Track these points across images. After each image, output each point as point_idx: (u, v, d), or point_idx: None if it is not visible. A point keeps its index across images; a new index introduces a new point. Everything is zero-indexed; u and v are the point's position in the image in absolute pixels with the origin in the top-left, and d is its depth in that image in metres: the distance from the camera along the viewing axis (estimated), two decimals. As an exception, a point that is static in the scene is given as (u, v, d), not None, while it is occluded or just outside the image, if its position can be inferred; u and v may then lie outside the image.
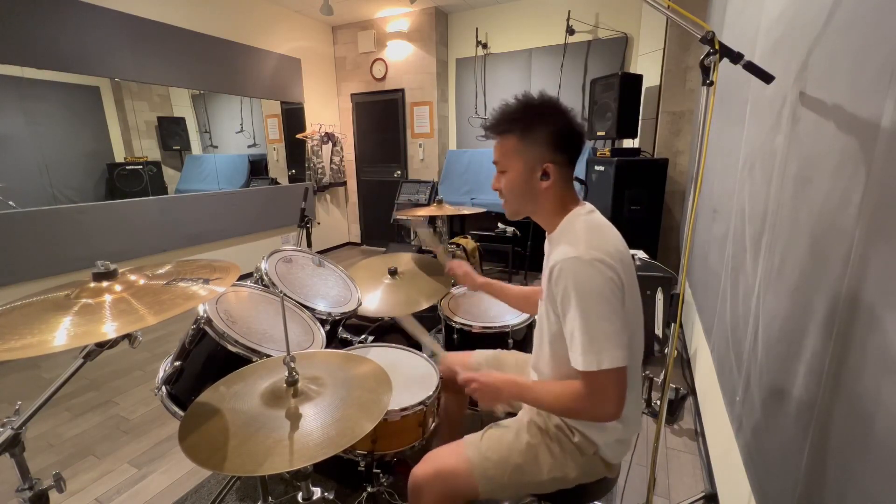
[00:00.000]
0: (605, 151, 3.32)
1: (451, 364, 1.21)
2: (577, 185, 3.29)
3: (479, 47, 4.62)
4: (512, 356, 1.35)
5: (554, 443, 1.02)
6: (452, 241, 3.61)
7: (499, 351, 1.39)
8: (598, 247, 0.87)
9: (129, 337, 0.77)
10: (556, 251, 0.91)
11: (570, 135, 0.96)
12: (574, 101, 4.29)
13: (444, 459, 1.03)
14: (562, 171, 0.98)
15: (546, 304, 0.99)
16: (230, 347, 1.19)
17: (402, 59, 4.91)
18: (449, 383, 1.38)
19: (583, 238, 0.89)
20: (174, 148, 3.93)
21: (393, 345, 1.58)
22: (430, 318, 2.77)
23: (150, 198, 3.56)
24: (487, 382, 1.00)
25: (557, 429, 1.04)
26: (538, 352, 1.09)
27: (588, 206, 1.01)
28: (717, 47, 0.99)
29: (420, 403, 1.23)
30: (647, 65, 3.67)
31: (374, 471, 1.34)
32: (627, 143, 3.77)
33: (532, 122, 0.96)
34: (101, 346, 0.78)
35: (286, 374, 0.94)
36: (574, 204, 1.01)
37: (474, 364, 1.33)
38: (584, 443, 1.01)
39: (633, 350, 0.96)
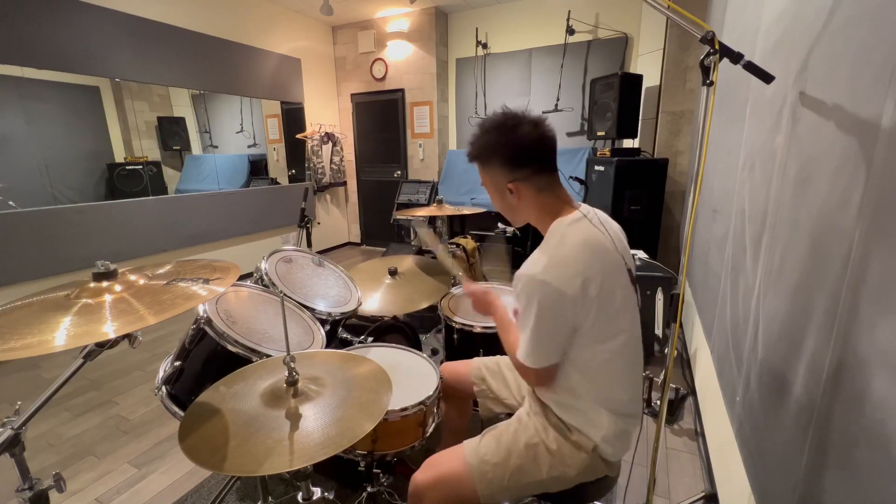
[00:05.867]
0: (605, 151, 3.33)
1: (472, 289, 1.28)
2: (577, 185, 3.31)
3: (479, 47, 4.62)
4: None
5: (552, 441, 1.02)
6: (452, 241, 3.61)
7: (499, 357, 1.39)
8: (556, 268, 0.90)
9: (129, 337, 0.77)
10: (525, 264, 0.96)
11: (520, 153, 0.97)
12: (574, 101, 4.29)
13: (443, 465, 1.03)
14: (531, 184, 0.98)
15: None
16: (230, 347, 1.19)
17: (402, 59, 4.91)
18: (451, 390, 1.38)
19: (547, 256, 0.93)
20: (174, 148, 3.93)
21: (393, 345, 1.58)
22: (430, 318, 2.78)
23: (150, 198, 3.56)
24: (485, 301, 1.18)
25: (555, 427, 1.04)
26: None
27: (575, 214, 0.98)
28: (717, 47, 0.99)
29: (420, 403, 1.23)
30: (647, 65, 3.67)
31: (374, 471, 1.34)
32: (627, 143, 3.77)
33: (483, 151, 1.00)
34: (101, 346, 0.78)
35: (286, 374, 0.94)
36: (564, 209, 0.99)
37: (472, 369, 1.36)
38: (582, 440, 1.01)
39: (631, 346, 0.99)
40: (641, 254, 2.69)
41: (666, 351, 2.17)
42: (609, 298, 0.93)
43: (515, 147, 0.96)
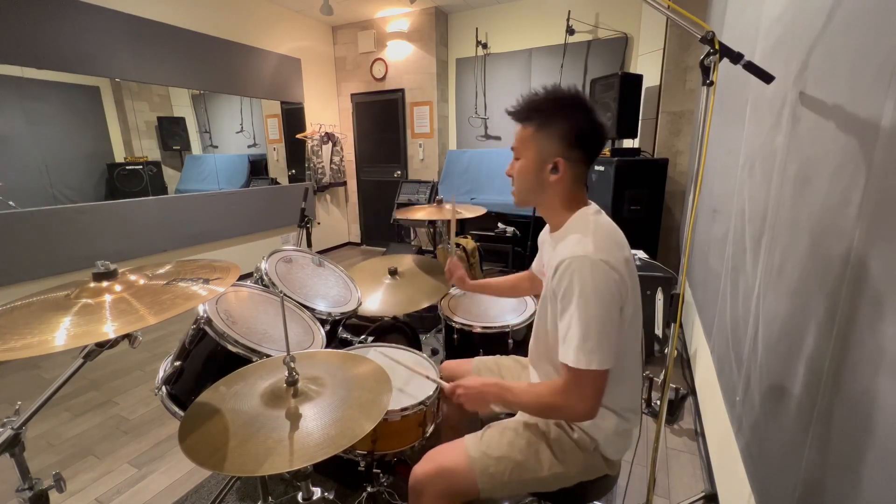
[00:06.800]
0: (605, 151, 3.32)
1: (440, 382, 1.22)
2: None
3: (479, 47, 4.62)
4: (511, 360, 1.35)
5: (554, 440, 1.02)
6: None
7: (498, 357, 1.39)
8: (607, 249, 0.88)
9: (129, 337, 0.77)
10: (564, 247, 0.91)
11: (588, 133, 0.96)
12: (574, 101, 4.28)
13: (444, 457, 1.03)
14: (574, 168, 0.97)
15: (547, 299, 0.99)
16: (230, 347, 1.19)
17: (402, 59, 4.91)
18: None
19: (591, 238, 0.90)
20: (174, 148, 3.93)
21: (393, 345, 1.58)
22: (430, 318, 2.78)
23: (150, 198, 3.56)
24: (471, 386, 1.01)
25: (557, 426, 1.04)
26: (539, 347, 1.10)
27: (594, 206, 1.02)
28: (717, 47, 0.99)
29: (420, 403, 1.23)
30: (647, 65, 3.67)
31: (374, 471, 1.34)
32: (627, 143, 3.77)
33: (552, 115, 0.96)
34: (101, 346, 0.78)
35: (286, 374, 0.94)
36: (582, 204, 1.01)
37: (472, 370, 1.33)
38: (584, 438, 1.01)
39: (632, 345, 0.97)
40: (641, 254, 2.69)
41: (666, 351, 2.17)
42: (633, 293, 0.93)
43: (585, 125, 0.95)
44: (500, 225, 4.12)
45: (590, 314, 0.84)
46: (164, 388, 1.23)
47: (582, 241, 0.89)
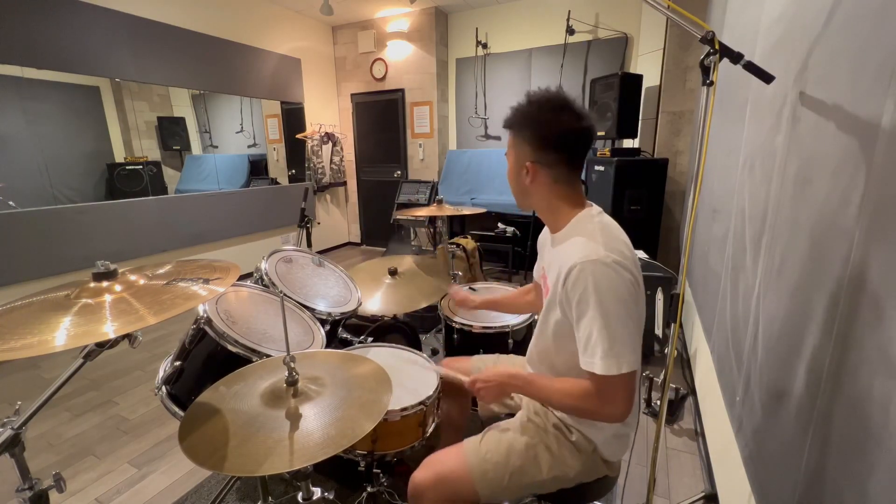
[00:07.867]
0: (605, 151, 3.32)
1: (452, 373, 1.22)
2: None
3: (479, 47, 4.62)
4: (510, 360, 1.35)
5: (552, 442, 1.02)
6: (452, 241, 3.61)
7: (498, 356, 1.38)
8: (617, 250, 0.87)
9: (129, 337, 0.77)
10: (570, 251, 0.90)
11: (559, 135, 0.94)
12: (574, 101, 4.28)
13: (443, 464, 1.02)
14: (550, 171, 0.96)
15: (555, 304, 0.96)
16: (230, 347, 1.19)
17: (402, 59, 4.91)
18: (450, 388, 1.38)
19: (600, 240, 0.88)
20: (174, 148, 3.93)
21: (393, 345, 1.58)
22: (430, 318, 2.78)
23: (150, 198, 3.56)
24: (490, 380, 1.01)
25: (555, 428, 1.04)
26: (539, 349, 1.09)
27: (596, 207, 1.01)
28: (717, 47, 0.99)
29: (420, 403, 1.23)
30: (647, 65, 3.67)
31: (374, 471, 1.34)
32: (627, 143, 3.77)
33: (522, 121, 0.97)
34: (101, 346, 0.78)
35: (286, 374, 0.94)
36: (580, 206, 0.99)
37: (473, 368, 1.33)
38: (582, 441, 1.01)
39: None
40: (641, 254, 2.69)
41: (666, 351, 2.17)
42: (642, 292, 0.93)
43: (551, 129, 0.94)
44: (500, 225, 4.12)
45: (611, 318, 0.83)
46: (164, 388, 1.23)
47: (590, 243, 0.88)
